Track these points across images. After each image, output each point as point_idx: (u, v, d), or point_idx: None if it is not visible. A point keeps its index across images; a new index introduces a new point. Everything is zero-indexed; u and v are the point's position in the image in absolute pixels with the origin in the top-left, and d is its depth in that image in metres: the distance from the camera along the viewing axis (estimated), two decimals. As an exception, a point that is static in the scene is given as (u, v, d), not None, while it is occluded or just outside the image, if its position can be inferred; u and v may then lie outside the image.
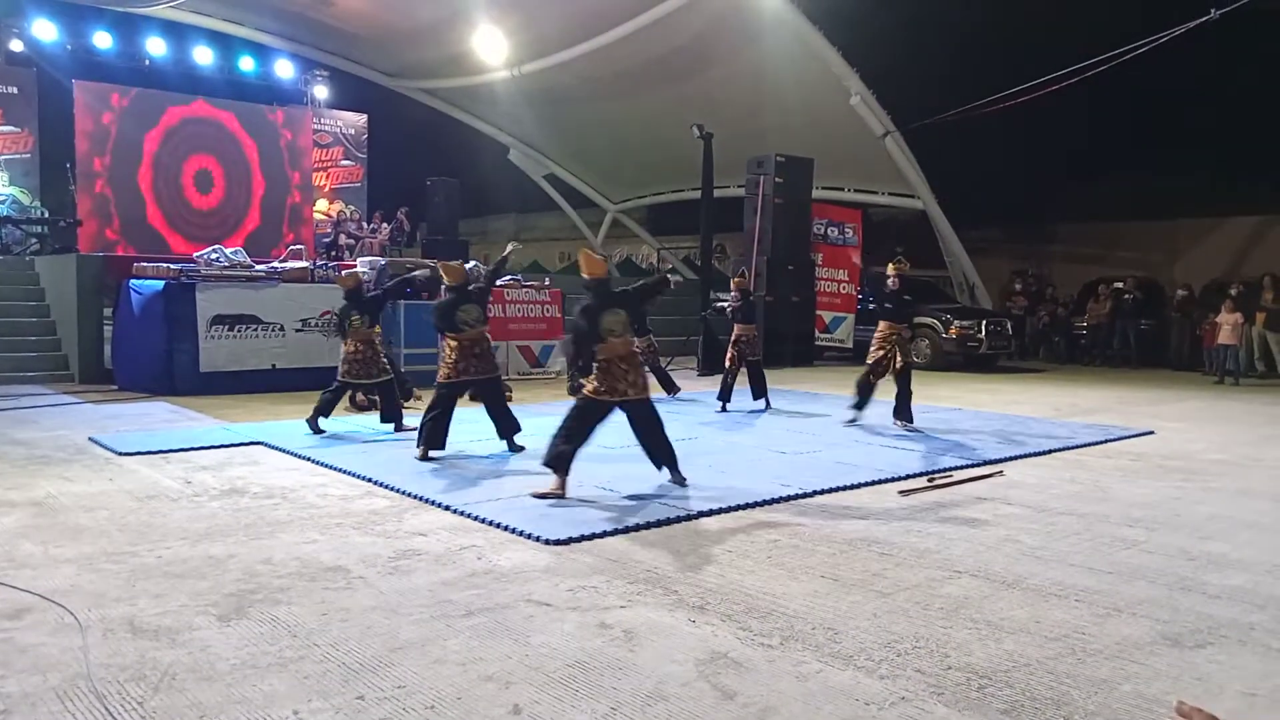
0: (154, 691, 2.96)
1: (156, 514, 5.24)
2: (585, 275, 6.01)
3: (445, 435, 7.15)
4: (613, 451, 7.42)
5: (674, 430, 8.54)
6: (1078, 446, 7.98)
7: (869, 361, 8.83)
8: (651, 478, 6.35)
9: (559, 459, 5.75)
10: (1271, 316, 14.69)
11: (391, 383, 8.42)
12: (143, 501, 5.53)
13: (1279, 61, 16.93)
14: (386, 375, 8.38)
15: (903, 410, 8.71)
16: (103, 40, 19.08)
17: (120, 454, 6.94)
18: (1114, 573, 4.38)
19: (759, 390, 10.16)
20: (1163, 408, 10.92)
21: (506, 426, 7.39)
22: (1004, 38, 18.76)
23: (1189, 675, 3.23)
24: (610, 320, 5.81)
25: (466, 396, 7.42)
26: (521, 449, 7.29)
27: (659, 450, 6.13)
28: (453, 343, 7.15)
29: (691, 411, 9.76)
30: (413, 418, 8.96)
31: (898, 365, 8.67)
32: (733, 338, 10.18)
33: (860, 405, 8.78)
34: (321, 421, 8.13)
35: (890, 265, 8.98)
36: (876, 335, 8.86)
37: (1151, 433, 8.80)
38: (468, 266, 14.26)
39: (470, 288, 7.34)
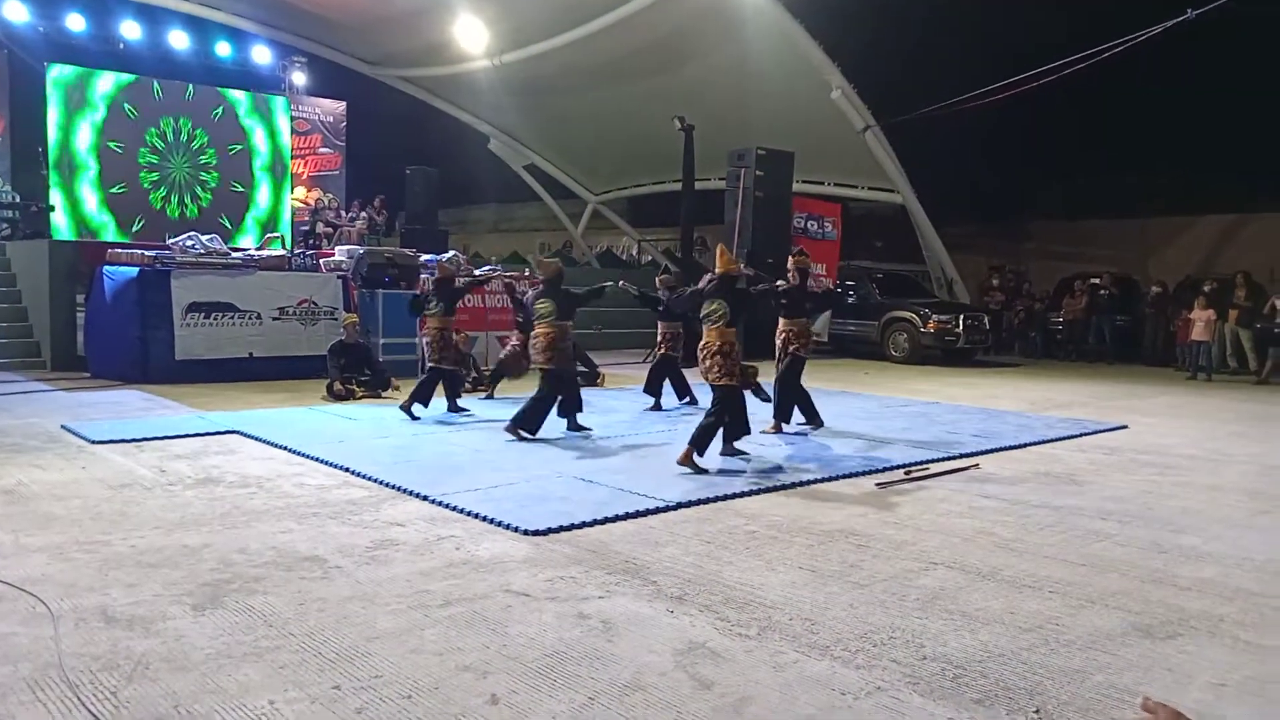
0: (127, 681, 2.93)
1: (130, 503, 5.19)
2: (717, 269, 6.71)
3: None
4: (590, 443, 7.42)
5: (646, 425, 8.56)
6: (1052, 440, 8.06)
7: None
8: (630, 469, 6.36)
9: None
10: (1244, 313, 14.89)
11: (457, 372, 8.96)
12: (116, 490, 5.47)
13: (1252, 62, 17.15)
14: (453, 365, 8.91)
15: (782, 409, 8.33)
16: (76, 23, 18.77)
17: (93, 442, 6.86)
18: (1087, 565, 4.43)
19: (682, 388, 9.73)
20: (1136, 403, 11.05)
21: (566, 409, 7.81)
22: (984, 35, 18.87)
23: (1159, 666, 3.27)
24: (710, 307, 6.59)
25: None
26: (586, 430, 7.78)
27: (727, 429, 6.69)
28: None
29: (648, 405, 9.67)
30: (379, 407, 8.93)
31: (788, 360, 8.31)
32: (659, 336, 9.82)
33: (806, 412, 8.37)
34: (416, 409, 8.46)
35: (791, 259, 8.68)
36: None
37: (1125, 427, 8.90)
38: (445, 257, 14.27)
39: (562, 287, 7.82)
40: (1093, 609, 3.83)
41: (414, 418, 8.35)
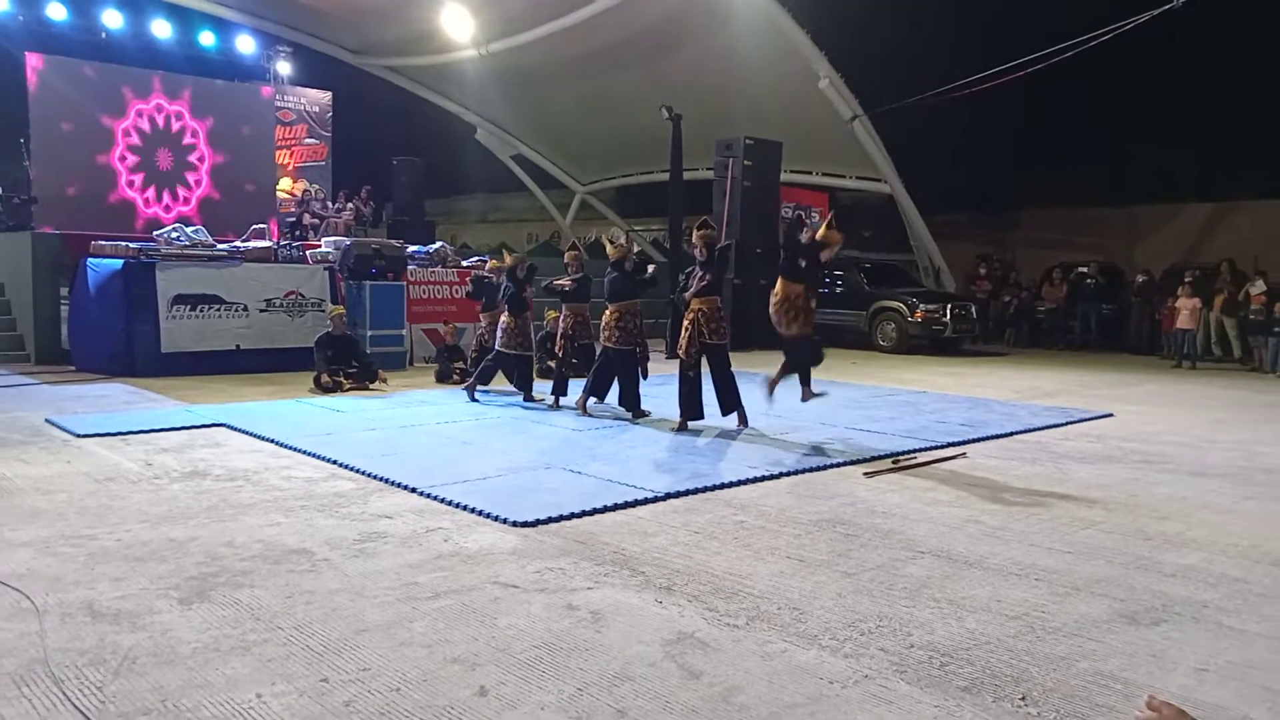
0: (114, 676, 2.92)
1: (116, 496, 5.16)
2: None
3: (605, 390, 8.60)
4: (579, 434, 7.42)
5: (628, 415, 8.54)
6: (1039, 429, 8.11)
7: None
8: (618, 458, 6.36)
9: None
10: (1229, 302, 14.97)
11: (530, 358, 9.33)
12: (101, 484, 5.44)
13: (1237, 50, 17.22)
14: (528, 351, 9.30)
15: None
16: (57, 11, 18.52)
17: (78, 436, 6.81)
18: (1073, 552, 4.46)
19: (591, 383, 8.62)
20: (1122, 391, 11.11)
21: (627, 399, 8.28)
22: (972, 24, 18.87)
23: (1144, 652, 3.30)
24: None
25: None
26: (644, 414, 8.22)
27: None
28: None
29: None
30: (366, 399, 8.89)
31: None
32: (564, 323, 9.02)
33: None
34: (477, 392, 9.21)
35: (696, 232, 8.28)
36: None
37: (1110, 415, 8.96)
38: (434, 247, 14.20)
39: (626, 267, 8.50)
40: (1078, 596, 3.86)
41: (474, 400, 9.05)
